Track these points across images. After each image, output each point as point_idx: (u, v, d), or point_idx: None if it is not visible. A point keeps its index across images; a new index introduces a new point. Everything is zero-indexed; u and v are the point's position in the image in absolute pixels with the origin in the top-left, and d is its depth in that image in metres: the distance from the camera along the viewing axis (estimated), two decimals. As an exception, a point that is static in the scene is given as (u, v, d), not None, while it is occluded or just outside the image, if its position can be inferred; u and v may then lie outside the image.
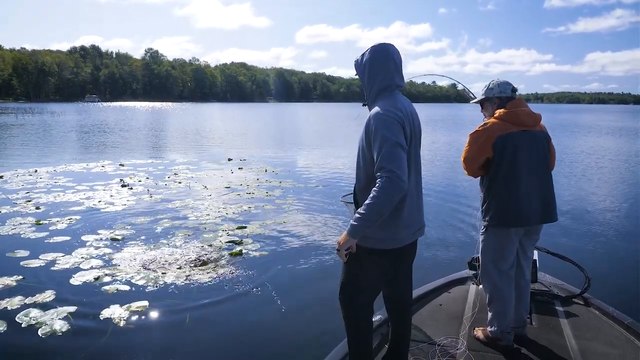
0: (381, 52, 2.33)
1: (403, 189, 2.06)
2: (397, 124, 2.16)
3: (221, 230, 6.61)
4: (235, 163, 13.85)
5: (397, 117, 2.17)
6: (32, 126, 31.20)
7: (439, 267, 4.93)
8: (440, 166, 13.71)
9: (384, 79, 2.30)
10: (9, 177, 10.72)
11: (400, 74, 2.35)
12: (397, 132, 2.14)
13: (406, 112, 2.24)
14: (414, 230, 2.37)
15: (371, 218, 2.09)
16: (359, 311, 2.40)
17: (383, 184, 2.05)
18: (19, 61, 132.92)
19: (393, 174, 2.04)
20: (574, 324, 3.27)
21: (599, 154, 17.33)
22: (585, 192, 10.11)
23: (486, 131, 2.85)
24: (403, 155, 2.11)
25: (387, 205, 2.07)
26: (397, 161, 2.06)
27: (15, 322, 3.87)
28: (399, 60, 2.35)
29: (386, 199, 2.05)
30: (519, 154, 2.80)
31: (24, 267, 5.10)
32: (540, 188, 2.86)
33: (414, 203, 2.32)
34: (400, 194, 2.06)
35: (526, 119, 2.85)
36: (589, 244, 6.36)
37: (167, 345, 3.65)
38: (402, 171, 2.06)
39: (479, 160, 2.86)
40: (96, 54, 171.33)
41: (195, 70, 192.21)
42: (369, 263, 2.31)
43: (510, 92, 2.97)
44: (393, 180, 2.03)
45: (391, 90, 2.30)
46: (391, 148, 2.08)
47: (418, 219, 2.39)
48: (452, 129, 33.76)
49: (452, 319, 3.33)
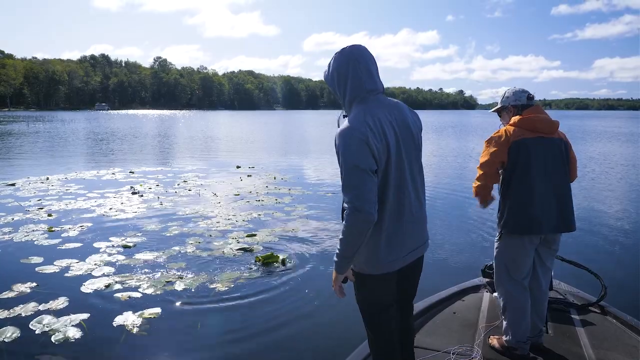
0: (344, 58, 2.09)
1: (367, 220, 1.89)
2: (359, 143, 1.92)
3: (231, 237, 6.62)
4: (244, 170, 13.90)
5: (359, 136, 1.93)
6: (43, 134, 31.54)
7: (452, 275, 4.88)
8: (451, 173, 13.67)
9: (353, 86, 2.07)
10: (21, 185, 10.82)
11: (372, 76, 2.09)
12: (358, 153, 1.91)
13: (377, 125, 1.98)
14: (411, 250, 2.19)
15: (347, 253, 1.98)
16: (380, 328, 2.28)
17: (347, 217, 1.91)
18: (31, 70, 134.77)
19: (352, 206, 1.88)
20: (590, 332, 3.22)
21: (611, 160, 17.18)
22: (600, 198, 10.01)
23: (501, 137, 2.85)
24: (366, 181, 1.90)
25: (354, 237, 1.93)
26: (357, 188, 1.89)
27: (29, 329, 3.89)
28: (366, 61, 2.08)
29: (351, 231, 1.92)
30: (532, 160, 2.78)
31: (38, 273, 5.14)
32: (556, 196, 2.81)
33: (405, 221, 2.11)
34: (366, 224, 1.90)
35: (541, 125, 2.83)
36: (604, 251, 6.30)
37: (180, 352, 3.66)
38: (363, 201, 1.88)
39: (495, 163, 2.84)
40: (105, 63, 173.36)
41: (203, 78, 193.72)
42: (371, 286, 2.19)
43: (525, 100, 2.97)
44: (353, 213, 1.88)
45: (363, 97, 2.07)
46: (350, 174, 1.91)
47: (416, 236, 2.20)
48: (460, 135, 33.66)
49: (467, 327, 3.30)
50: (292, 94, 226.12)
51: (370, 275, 2.14)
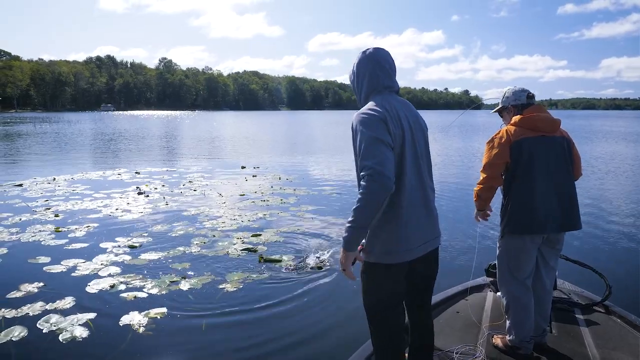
0: (365, 57, 2.27)
1: (387, 186, 1.91)
2: (378, 121, 2.04)
3: (236, 237, 6.65)
4: (249, 171, 13.93)
5: (378, 115, 2.06)
6: (50, 135, 31.74)
7: (455, 274, 4.89)
8: (455, 172, 13.65)
9: (370, 81, 2.24)
10: (28, 185, 10.91)
11: (389, 76, 2.26)
12: (377, 128, 2.02)
13: (394, 112, 2.12)
14: (423, 242, 2.21)
15: (359, 223, 1.96)
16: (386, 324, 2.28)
17: (365, 183, 1.92)
18: (37, 72, 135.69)
19: (373, 171, 1.91)
20: (595, 332, 3.22)
21: (617, 160, 17.08)
22: (605, 197, 9.97)
23: (502, 137, 2.85)
24: (385, 151, 1.97)
25: (372, 205, 1.93)
26: (377, 157, 1.94)
27: (36, 328, 3.93)
28: (386, 62, 2.26)
29: (370, 198, 1.91)
30: (534, 159, 2.78)
31: (45, 273, 5.19)
32: (560, 195, 2.81)
33: (419, 211, 2.17)
34: (385, 191, 1.92)
35: (543, 124, 2.82)
36: (608, 250, 6.27)
37: (185, 352, 3.67)
38: (383, 167, 1.91)
39: (498, 165, 2.83)
40: (111, 64, 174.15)
41: (208, 79, 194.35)
42: (381, 278, 2.19)
43: (525, 99, 2.97)
44: (373, 177, 1.90)
45: (379, 92, 2.22)
46: (370, 144, 1.97)
47: (428, 229, 2.24)
48: (466, 135, 33.55)
49: (470, 327, 3.31)
50: (296, 95, 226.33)
51: (383, 264, 2.15)
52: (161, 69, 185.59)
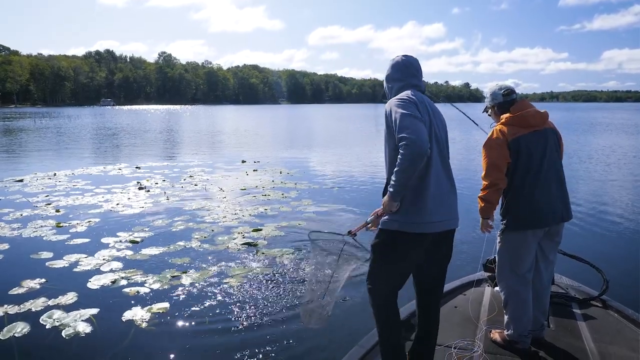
0: (398, 61, 2.64)
1: (422, 149, 2.17)
2: (410, 102, 2.34)
3: (237, 232, 6.68)
4: (249, 165, 13.95)
5: (409, 99, 2.37)
6: (50, 130, 31.73)
7: (453, 269, 4.88)
8: (456, 165, 13.62)
9: (401, 80, 2.58)
10: (29, 181, 10.94)
11: (415, 76, 2.60)
12: (410, 107, 2.30)
13: (421, 100, 2.42)
14: (443, 219, 2.39)
15: (400, 182, 2.24)
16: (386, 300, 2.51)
17: (403, 150, 2.18)
18: (36, 67, 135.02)
19: (408, 139, 2.17)
20: (592, 326, 3.25)
21: (617, 153, 17.04)
22: (603, 192, 9.96)
23: (497, 138, 2.86)
24: (418, 123, 2.24)
25: (410, 169, 2.19)
26: (411, 127, 2.21)
27: (39, 324, 3.97)
28: (413, 66, 2.62)
29: (407, 163, 2.18)
30: (533, 155, 2.81)
31: (47, 268, 5.23)
32: (556, 187, 2.87)
33: (440, 188, 2.38)
34: (422, 154, 2.18)
35: (534, 120, 2.86)
36: (606, 245, 6.30)
37: (188, 346, 3.70)
38: (417, 134, 2.18)
39: (502, 166, 2.83)
40: (110, 59, 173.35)
41: (208, 72, 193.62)
42: (401, 246, 2.39)
43: (501, 98, 3.00)
44: (409, 143, 2.16)
45: (407, 87, 2.53)
46: (404, 119, 2.25)
47: (447, 208, 2.42)
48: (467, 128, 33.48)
49: (468, 322, 3.34)
50: (297, 88, 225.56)
51: (406, 233, 2.34)
52: (161, 63, 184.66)
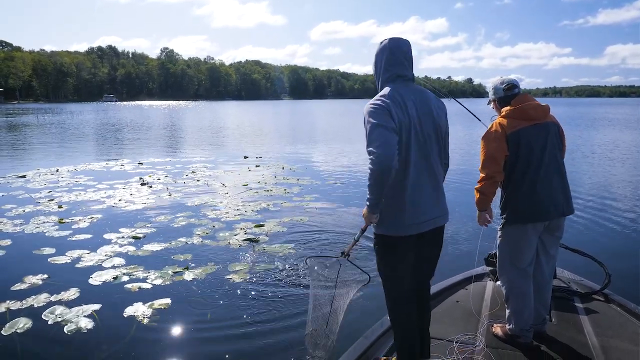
0: (381, 47, 2.48)
1: (386, 165, 2.12)
2: (382, 109, 2.25)
3: (239, 228, 6.68)
4: (251, 161, 13.95)
5: (382, 104, 2.27)
6: (52, 126, 31.78)
7: (455, 264, 4.90)
8: (455, 159, 13.60)
9: (385, 70, 2.45)
10: (32, 177, 10.96)
11: (402, 64, 2.43)
12: (379, 116, 2.23)
13: (399, 99, 2.31)
14: (430, 218, 2.40)
15: (371, 197, 2.25)
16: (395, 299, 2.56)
17: (370, 164, 2.16)
18: (39, 63, 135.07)
19: (375, 154, 2.13)
20: (594, 320, 3.24)
21: (620, 147, 16.97)
22: (606, 186, 9.92)
23: (496, 131, 2.85)
24: (386, 134, 2.17)
25: (377, 184, 2.17)
26: (378, 140, 2.15)
27: (41, 319, 3.98)
28: (399, 51, 2.44)
29: (373, 178, 2.16)
30: (533, 148, 2.80)
31: (49, 264, 5.24)
32: (560, 181, 2.86)
33: (425, 190, 2.37)
34: (385, 170, 2.13)
35: (534, 113, 2.84)
36: (608, 239, 6.28)
37: (191, 342, 3.71)
38: (383, 149, 2.13)
39: (498, 159, 2.83)
40: (113, 54, 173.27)
41: (210, 68, 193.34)
42: (389, 248, 2.43)
43: (502, 92, 2.98)
44: (375, 159, 2.13)
45: (392, 80, 2.42)
46: (372, 131, 2.19)
47: (434, 206, 2.42)
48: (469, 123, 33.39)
49: (470, 316, 3.34)
50: (299, 84, 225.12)
51: (391, 236, 2.39)
52: (163, 59, 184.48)
